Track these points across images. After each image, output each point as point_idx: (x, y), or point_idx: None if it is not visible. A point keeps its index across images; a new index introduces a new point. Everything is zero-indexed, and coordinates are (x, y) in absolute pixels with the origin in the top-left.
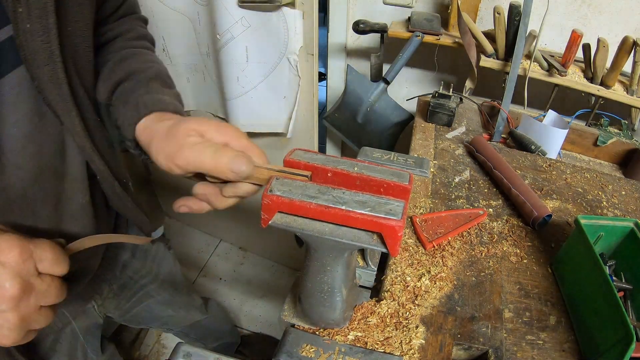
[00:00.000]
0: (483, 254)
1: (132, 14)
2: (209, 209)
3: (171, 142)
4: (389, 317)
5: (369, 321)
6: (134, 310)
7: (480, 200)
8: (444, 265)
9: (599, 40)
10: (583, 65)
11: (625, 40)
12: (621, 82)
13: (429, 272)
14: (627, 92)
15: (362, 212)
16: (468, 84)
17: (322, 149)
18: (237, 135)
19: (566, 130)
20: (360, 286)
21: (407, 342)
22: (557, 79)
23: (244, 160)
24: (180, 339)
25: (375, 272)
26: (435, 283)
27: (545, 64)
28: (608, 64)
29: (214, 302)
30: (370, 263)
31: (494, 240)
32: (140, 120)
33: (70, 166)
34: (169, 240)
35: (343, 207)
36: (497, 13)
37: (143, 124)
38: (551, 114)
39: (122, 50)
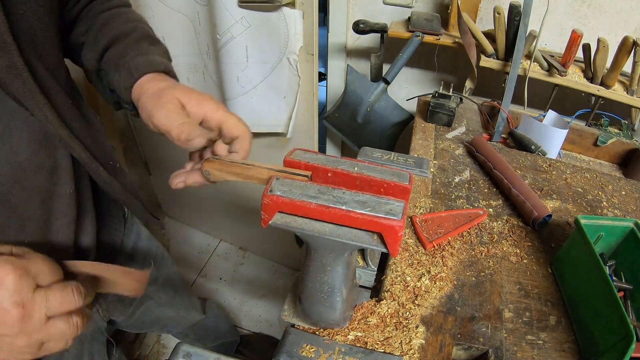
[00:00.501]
0: (483, 254)
1: None
2: (201, 181)
3: (154, 102)
4: (389, 317)
5: (369, 321)
6: (136, 313)
7: (480, 200)
8: (444, 265)
9: (599, 40)
10: (583, 65)
11: (625, 40)
12: (621, 82)
13: (429, 272)
14: (627, 92)
15: (362, 212)
16: (468, 84)
17: (322, 149)
18: (214, 108)
19: (566, 130)
20: (360, 286)
21: (407, 342)
22: (557, 79)
23: (187, 129)
24: (179, 340)
25: (375, 272)
26: (435, 283)
27: (545, 64)
28: (608, 64)
29: (212, 302)
30: (370, 263)
31: (494, 240)
32: (134, 83)
33: (54, 158)
34: (168, 240)
35: (343, 207)
36: (497, 13)
37: (138, 85)
38: (551, 114)
39: (101, 14)
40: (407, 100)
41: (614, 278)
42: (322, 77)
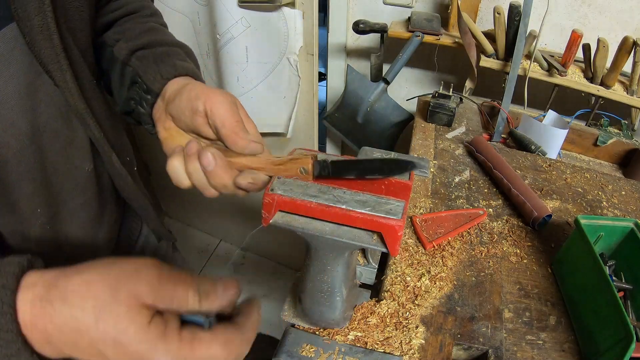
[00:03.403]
0: (483, 254)
1: None
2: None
3: (209, 90)
4: (389, 317)
5: (369, 321)
6: None
7: (480, 200)
8: (444, 265)
9: (599, 40)
10: (583, 65)
11: (625, 40)
12: (621, 82)
13: (429, 272)
14: (627, 92)
15: (363, 211)
16: (468, 84)
17: (322, 149)
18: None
19: (566, 130)
20: (362, 284)
21: (407, 342)
22: (557, 79)
23: (242, 132)
24: None
25: (376, 270)
26: (435, 283)
27: (545, 64)
28: (608, 64)
29: None
30: (371, 260)
31: (494, 240)
32: (174, 77)
33: (72, 130)
34: (175, 239)
35: (343, 207)
36: (497, 13)
37: (175, 80)
38: (551, 114)
39: (147, 22)
40: (407, 100)
41: (614, 278)
42: (322, 77)
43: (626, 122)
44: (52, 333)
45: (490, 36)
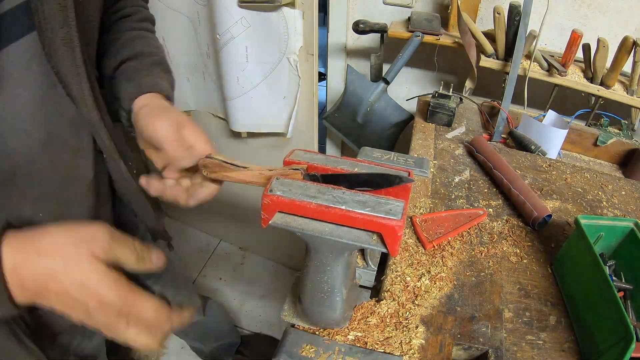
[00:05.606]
0: (483, 254)
1: None
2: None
3: (157, 114)
4: (389, 317)
5: (369, 321)
6: None
7: (480, 200)
8: (444, 265)
9: (599, 40)
10: (583, 65)
11: (625, 40)
12: (621, 82)
13: (429, 272)
14: (627, 92)
15: (362, 212)
16: (468, 84)
17: (322, 149)
18: (204, 141)
19: (566, 130)
20: (360, 286)
21: (407, 342)
22: (557, 79)
23: (181, 148)
24: (179, 337)
25: (375, 272)
26: (435, 283)
27: (545, 64)
28: (608, 64)
29: (213, 302)
30: (370, 263)
31: (493, 240)
32: (139, 96)
33: (81, 141)
34: (171, 238)
35: (343, 207)
36: (497, 13)
37: (141, 98)
38: (551, 114)
39: (131, 31)
40: (407, 100)
41: (614, 278)
42: (322, 77)
43: (626, 122)
44: (26, 278)
45: (490, 36)
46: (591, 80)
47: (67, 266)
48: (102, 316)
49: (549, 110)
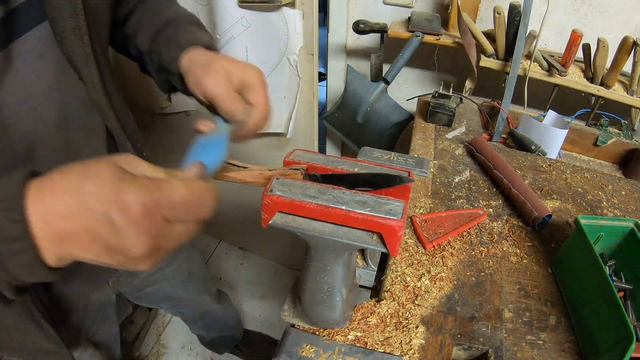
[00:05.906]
0: (483, 254)
1: None
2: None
3: (203, 70)
4: (389, 317)
5: (369, 321)
6: (147, 289)
7: (480, 200)
8: (444, 265)
9: (599, 40)
10: (583, 65)
11: (625, 40)
12: (621, 82)
13: (429, 272)
14: (627, 92)
15: (362, 212)
16: (468, 84)
17: (322, 149)
18: (252, 73)
19: (566, 130)
20: (360, 286)
21: (407, 342)
22: (557, 79)
23: (233, 102)
24: (188, 326)
25: (375, 272)
26: (435, 283)
27: (545, 64)
28: (608, 64)
29: (226, 295)
30: (370, 263)
31: (494, 240)
32: (182, 53)
33: (93, 122)
34: None
35: (343, 207)
36: (497, 13)
37: (185, 56)
38: (551, 114)
39: (155, 6)
40: (407, 100)
41: (614, 278)
42: (322, 77)
43: (626, 122)
44: (58, 225)
45: (490, 36)
46: (591, 80)
47: (85, 202)
48: (146, 221)
49: (549, 110)
